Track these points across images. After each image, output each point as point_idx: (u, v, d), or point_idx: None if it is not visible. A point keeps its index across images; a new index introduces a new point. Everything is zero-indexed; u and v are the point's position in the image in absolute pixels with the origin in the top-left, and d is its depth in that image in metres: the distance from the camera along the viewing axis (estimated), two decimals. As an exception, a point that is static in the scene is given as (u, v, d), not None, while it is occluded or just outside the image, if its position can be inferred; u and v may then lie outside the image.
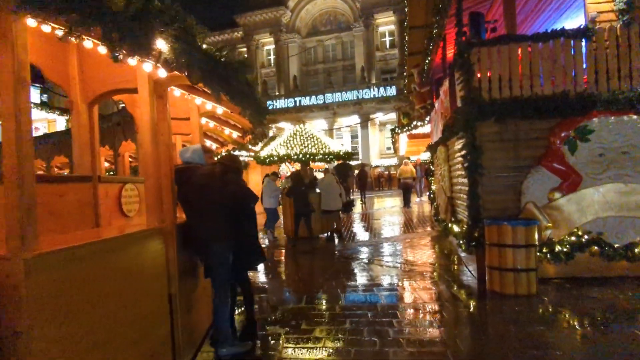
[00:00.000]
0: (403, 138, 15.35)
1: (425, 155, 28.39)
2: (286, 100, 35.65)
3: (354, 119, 35.17)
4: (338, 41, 41.96)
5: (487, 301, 4.61)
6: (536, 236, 4.70)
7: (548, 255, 5.08)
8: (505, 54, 5.34)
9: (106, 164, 11.08)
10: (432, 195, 11.36)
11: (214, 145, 6.51)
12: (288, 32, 41.35)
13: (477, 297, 4.73)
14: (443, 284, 5.24)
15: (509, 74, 5.34)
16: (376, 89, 33.80)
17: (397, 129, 12.54)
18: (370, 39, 38.77)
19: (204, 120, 4.90)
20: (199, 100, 4.01)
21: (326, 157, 8.80)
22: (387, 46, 39.26)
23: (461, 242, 5.83)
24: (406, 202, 15.60)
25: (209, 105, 4.12)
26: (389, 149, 37.36)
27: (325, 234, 9.25)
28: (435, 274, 5.82)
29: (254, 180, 14.48)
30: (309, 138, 9.25)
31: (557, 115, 5.18)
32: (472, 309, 4.45)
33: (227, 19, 43.52)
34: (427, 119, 11.99)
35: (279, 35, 41.16)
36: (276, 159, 8.91)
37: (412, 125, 12.08)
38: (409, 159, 17.44)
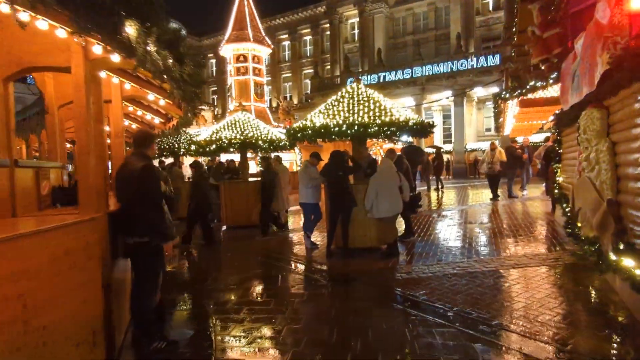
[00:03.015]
0: (511, 110, 11.25)
1: (538, 137, 22.92)
2: (369, 76, 32.07)
3: (447, 96, 30.33)
4: (431, 8, 37.01)
5: None
6: None
7: None
8: None
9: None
10: (559, 192, 7.47)
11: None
12: (374, 1, 37.47)
13: None
14: None
15: None
16: (475, 59, 28.52)
17: (504, 93, 8.68)
18: (469, 1, 33.17)
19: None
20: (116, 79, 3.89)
21: (387, 129, 5.61)
22: (490, 8, 33.25)
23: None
24: (495, 195, 12.08)
25: (128, 85, 4.02)
26: (488, 130, 31.97)
27: (378, 247, 6.21)
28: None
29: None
30: (362, 100, 6.16)
31: None
32: None
33: (310, -7, 41.33)
34: (553, 76, 7.98)
35: (363, 6, 37.63)
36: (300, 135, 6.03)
37: (527, 87, 8.17)
38: (514, 140, 13.14)
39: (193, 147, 9.12)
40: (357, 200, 6.02)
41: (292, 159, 19.98)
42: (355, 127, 5.56)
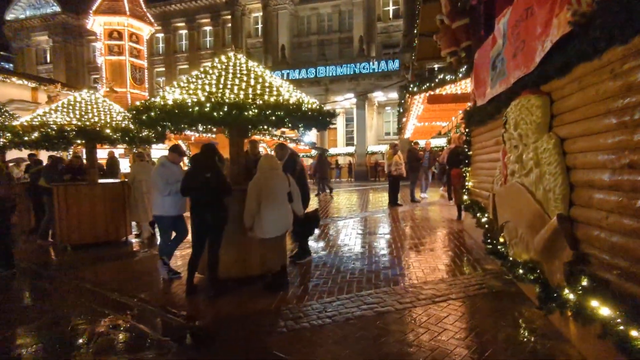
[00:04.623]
0: (415, 109, 10.60)
1: (437, 142, 23.72)
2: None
3: (350, 98, 30.27)
4: (335, 10, 36.92)
5: None
6: None
7: None
8: None
9: None
10: (469, 199, 6.69)
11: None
12: (278, -4, 36.04)
13: None
14: None
15: None
16: (376, 63, 28.87)
17: (412, 86, 7.73)
18: (371, 7, 33.76)
19: None
20: None
21: (271, 113, 3.94)
22: (391, 16, 34.28)
23: None
24: (393, 200, 11.26)
25: None
26: (387, 134, 32.87)
27: (262, 275, 4.59)
28: None
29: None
30: (240, 73, 4.42)
31: None
32: None
33: (209, -21, 38.38)
34: (463, 69, 7.25)
35: (267, 0, 35.92)
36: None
37: (436, 81, 7.33)
38: (416, 142, 12.71)
39: (8, 135, 6.39)
40: (234, 213, 4.30)
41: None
42: (225, 109, 3.83)
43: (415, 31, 12.55)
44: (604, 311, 2.38)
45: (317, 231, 7.13)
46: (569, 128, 3.09)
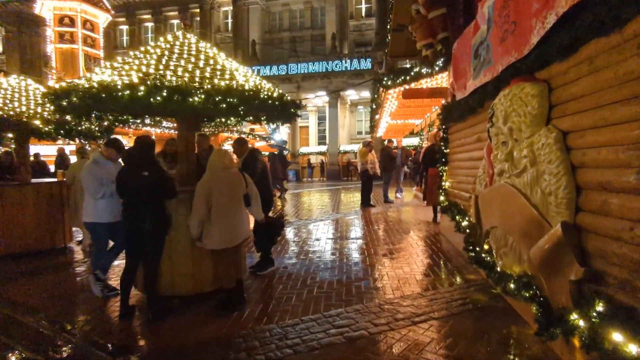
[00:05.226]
0: (389, 106, 10.13)
1: (409, 141, 23.48)
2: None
3: (322, 96, 29.75)
4: (307, 6, 36.35)
5: None
6: None
7: None
8: None
9: None
10: (446, 200, 6.22)
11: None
12: (249, -10, 35.08)
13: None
14: None
15: None
16: (349, 61, 28.48)
17: (386, 80, 7.15)
18: (344, 4, 33.34)
19: None
20: None
21: (221, 100, 3.25)
22: (363, 14, 34.03)
23: None
24: (366, 201, 10.78)
25: None
26: (360, 132, 32.61)
27: (216, 290, 3.89)
28: None
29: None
30: (189, 54, 3.69)
31: None
32: None
33: (177, -31, 36.91)
34: (440, 62, 6.79)
35: (237, -6, 34.87)
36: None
37: (412, 74, 6.83)
38: (390, 140, 12.27)
39: None
40: (181, 218, 3.61)
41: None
42: (165, 93, 3.12)
43: (388, 27, 12.12)
44: (633, 349, 1.87)
45: (289, 236, 6.49)
46: (574, 119, 2.60)
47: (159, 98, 3.09)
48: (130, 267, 3.63)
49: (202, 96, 3.19)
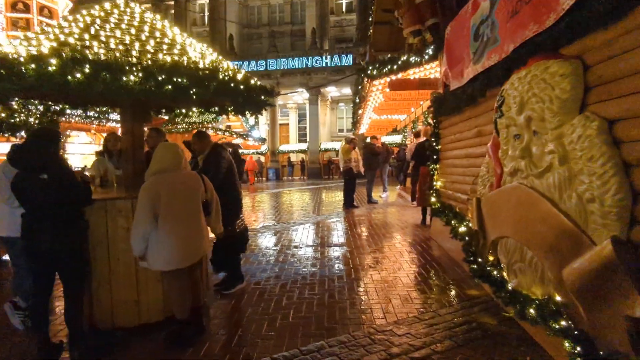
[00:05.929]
0: (373, 100, 9.50)
1: (390, 139, 22.97)
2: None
3: (302, 93, 29.01)
4: (287, 1, 35.51)
5: None
6: None
7: None
8: None
9: None
10: (438, 201, 5.61)
11: None
12: (225, -17, 33.93)
13: None
14: None
15: None
16: (329, 57, 27.80)
17: (370, 68, 6.47)
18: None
19: None
20: None
21: (165, 80, 2.54)
22: (344, 9, 33.48)
23: None
24: (349, 201, 10.17)
25: None
26: (341, 130, 32.06)
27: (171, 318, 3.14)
28: None
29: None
30: (130, 25, 2.92)
31: None
32: None
33: (149, -40, 35.33)
34: (429, 50, 6.18)
35: (214, -13, 33.68)
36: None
37: (399, 63, 6.19)
38: (375, 137, 11.63)
39: None
40: (122, 232, 2.85)
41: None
42: (87, 69, 2.35)
43: (370, 19, 11.50)
44: None
45: (264, 244, 5.78)
46: (626, 103, 1.98)
47: (78, 75, 2.32)
48: (39, 300, 2.82)
49: (140, 74, 2.44)
